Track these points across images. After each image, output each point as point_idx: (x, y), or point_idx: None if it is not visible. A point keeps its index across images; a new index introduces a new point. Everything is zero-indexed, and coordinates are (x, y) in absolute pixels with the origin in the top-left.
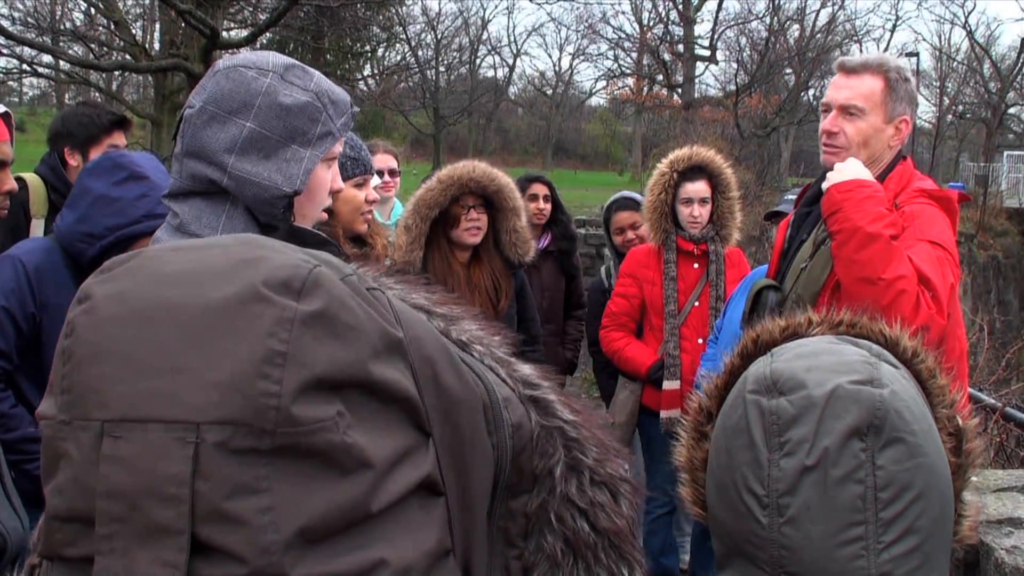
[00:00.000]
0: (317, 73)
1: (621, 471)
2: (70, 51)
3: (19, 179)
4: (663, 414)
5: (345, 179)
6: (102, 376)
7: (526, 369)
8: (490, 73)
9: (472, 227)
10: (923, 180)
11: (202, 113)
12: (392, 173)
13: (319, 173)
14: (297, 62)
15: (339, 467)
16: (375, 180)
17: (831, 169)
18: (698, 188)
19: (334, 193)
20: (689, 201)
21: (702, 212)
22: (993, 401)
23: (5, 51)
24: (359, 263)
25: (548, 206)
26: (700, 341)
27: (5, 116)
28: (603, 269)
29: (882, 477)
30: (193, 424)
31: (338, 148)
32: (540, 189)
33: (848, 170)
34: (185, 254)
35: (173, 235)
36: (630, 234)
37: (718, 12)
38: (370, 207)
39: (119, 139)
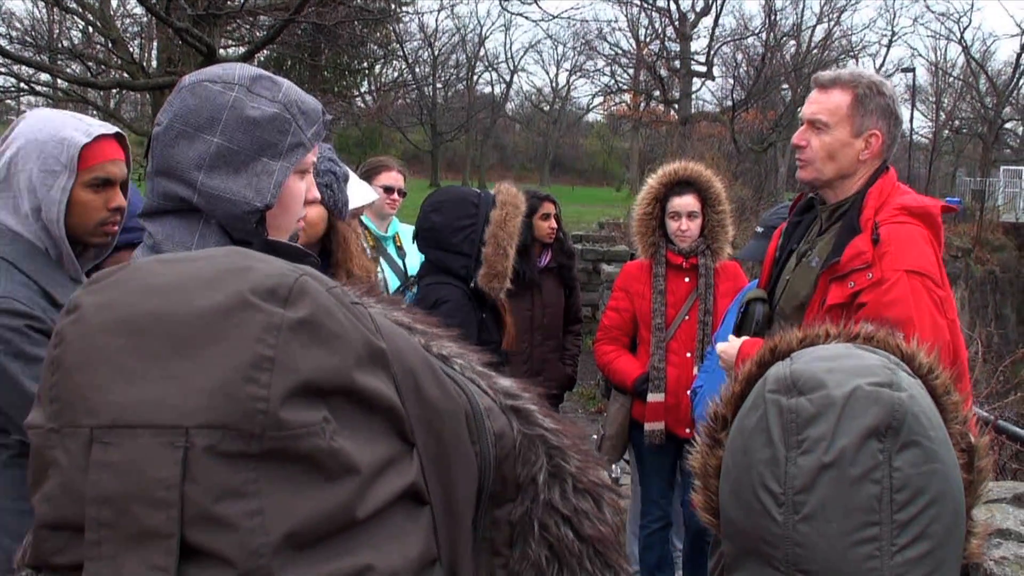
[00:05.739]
0: (286, 83)
1: (604, 478)
2: (68, 69)
3: None
4: (647, 426)
5: None
6: (91, 384)
7: (505, 381)
8: (487, 89)
9: None
10: (905, 194)
11: (169, 130)
12: (400, 192)
13: (291, 185)
14: (265, 73)
15: (326, 472)
16: (373, 195)
17: (805, 183)
18: (685, 202)
19: (309, 203)
20: (676, 215)
21: (690, 226)
22: (985, 414)
23: (3, 70)
24: (353, 287)
25: (554, 224)
26: (688, 355)
27: (119, 137)
28: None
29: (898, 479)
30: (182, 428)
31: (311, 158)
32: (550, 208)
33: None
34: (173, 265)
35: (149, 256)
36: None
37: (714, 28)
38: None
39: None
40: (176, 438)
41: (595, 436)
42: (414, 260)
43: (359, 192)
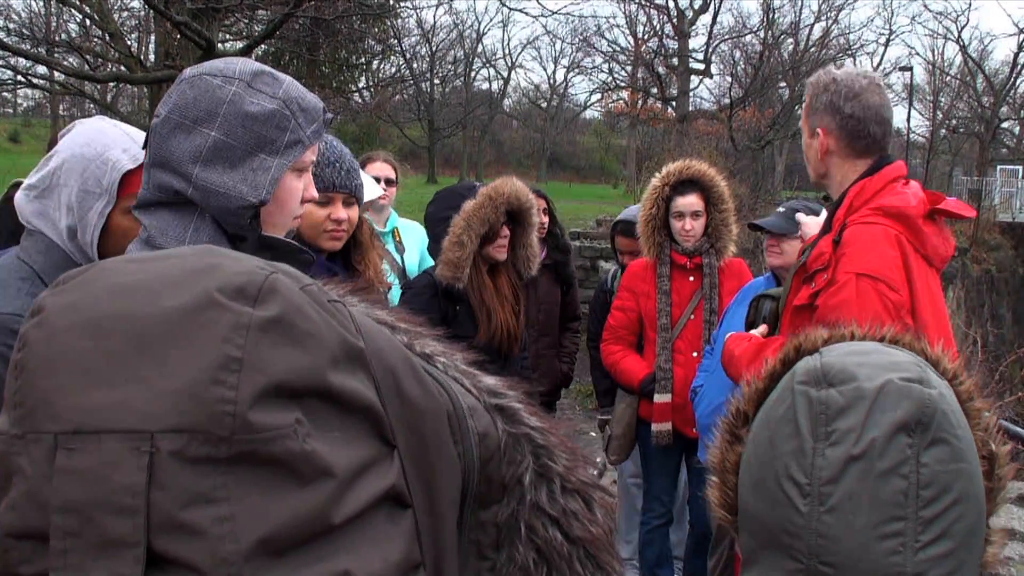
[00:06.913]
0: (288, 80)
1: (594, 477)
2: (65, 62)
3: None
4: (654, 427)
5: None
6: (55, 388)
7: (490, 379)
8: (485, 86)
9: (503, 243)
10: (895, 195)
11: (167, 122)
12: (389, 183)
13: (287, 182)
14: (267, 68)
15: (299, 476)
16: (379, 190)
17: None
18: (689, 201)
19: (307, 202)
20: (681, 215)
21: (694, 225)
22: None
23: (0, 62)
24: (335, 286)
25: (546, 219)
26: (695, 355)
27: None
28: (610, 272)
29: (925, 475)
30: (147, 433)
31: (309, 156)
32: (540, 203)
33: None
34: (140, 265)
35: (143, 248)
36: (626, 259)
37: (712, 26)
38: (337, 226)
39: None
40: (141, 443)
41: (594, 434)
42: (413, 256)
43: (367, 188)
